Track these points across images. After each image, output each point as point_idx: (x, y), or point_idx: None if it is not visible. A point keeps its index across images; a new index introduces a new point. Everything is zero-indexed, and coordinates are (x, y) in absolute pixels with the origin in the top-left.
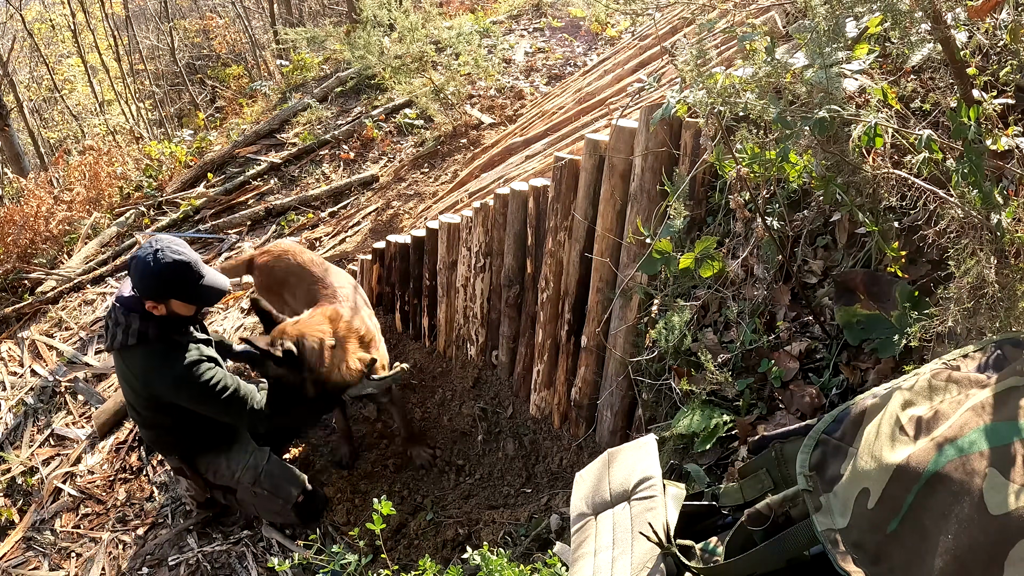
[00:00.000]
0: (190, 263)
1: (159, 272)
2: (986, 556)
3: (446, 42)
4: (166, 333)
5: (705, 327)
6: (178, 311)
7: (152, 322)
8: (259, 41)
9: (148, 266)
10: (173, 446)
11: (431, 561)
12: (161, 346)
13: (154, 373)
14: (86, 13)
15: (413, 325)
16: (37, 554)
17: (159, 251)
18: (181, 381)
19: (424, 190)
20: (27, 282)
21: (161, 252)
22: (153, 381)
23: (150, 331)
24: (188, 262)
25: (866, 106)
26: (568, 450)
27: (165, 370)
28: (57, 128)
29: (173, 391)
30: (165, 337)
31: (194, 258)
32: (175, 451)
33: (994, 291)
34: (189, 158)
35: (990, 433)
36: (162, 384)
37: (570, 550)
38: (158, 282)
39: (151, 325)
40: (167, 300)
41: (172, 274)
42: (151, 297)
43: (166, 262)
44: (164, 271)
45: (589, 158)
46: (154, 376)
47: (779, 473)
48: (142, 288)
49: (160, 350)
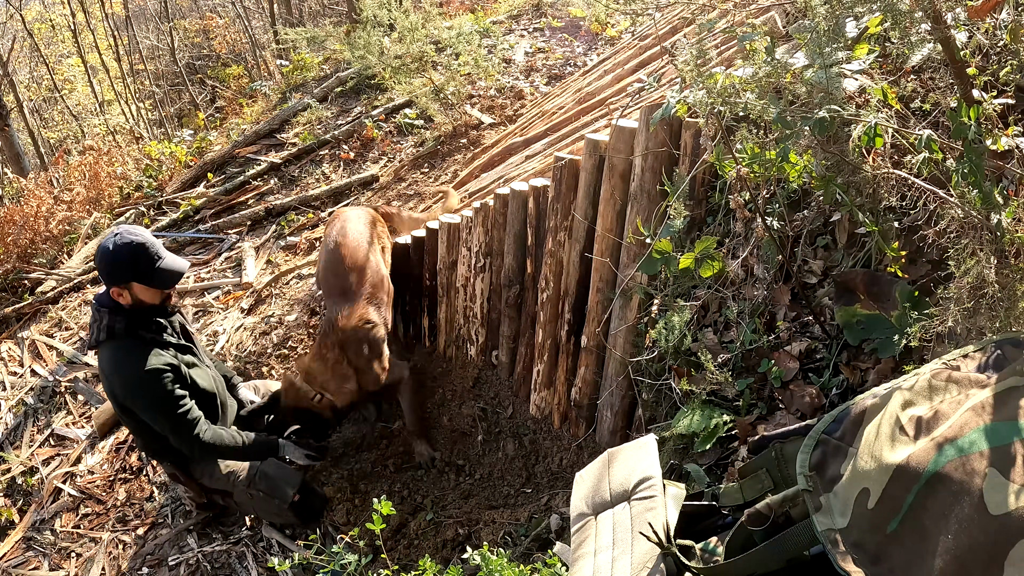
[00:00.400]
0: (145, 243)
1: (116, 253)
2: (986, 556)
3: (446, 42)
4: (133, 328)
5: (705, 327)
6: (142, 297)
7: (120, 316)
8: (259, 41)
9: (107, 250)
10: (163, 452)
11: (431, 561)
12: (127, 341)
13: (115, 371)
14: (86, 13)
15: (413, 325)
16: (37, 554)
17: (118, 235)
18: (137, 385)
19: (424, 190)
20: (27, 282)
21: (119, 235)
22: (114, 380)
23: (116, 326)
24: (143, 243)
25: (866, 106)
26: (568, 450)
27: (125, 369)
28: (57, 128)
29: (129, 394)
30: (132, 332)
31: (150, 240)
32: (167, 457)
33: (994, 291)
34: (189, 158)
35: (990, 433)
36: (120, 384)
37: (570, 550)
38: (115, 264)
39: (118, 319)
40: (128, 284)
41: (128, 255)
42: (113, 282)
43: (122, 243)
44: (120, 252)
45: (589, 158)
46: (115, 374)
47: (779, 473)
48: (104, 274)
49: (125, 346)
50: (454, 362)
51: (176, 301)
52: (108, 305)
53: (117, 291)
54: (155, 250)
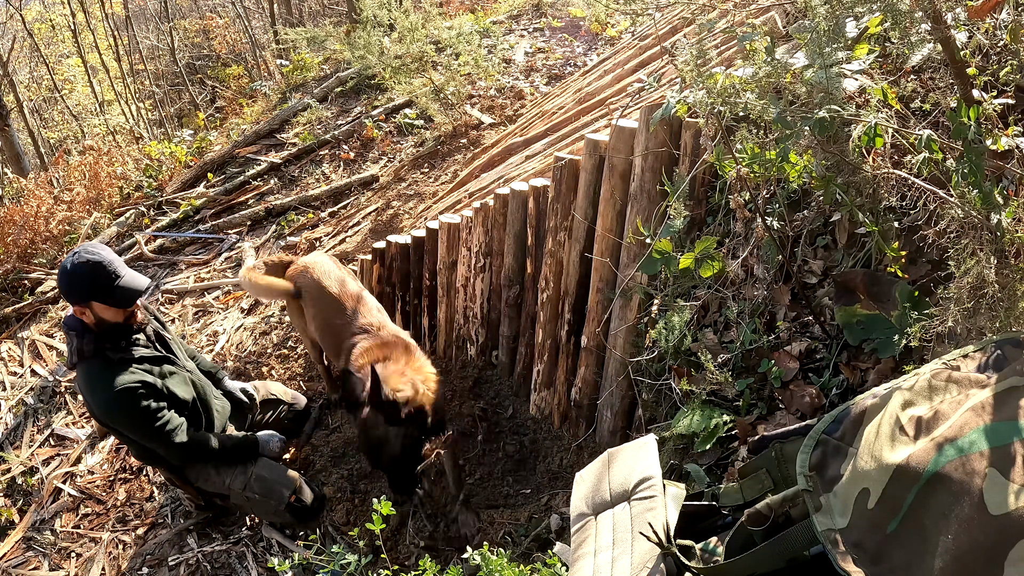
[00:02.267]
0: (102, 262)
1: (73, 272)
2: (986, 556)
3: (446, 42)
4: (100, 348)
5: (705, 327)
6: (103, 315)
7: (86, 338)
8: (259, 41)
9: (65, 270)
10: (154, 459)
11: (431, 561)
12: (96, 362)
13: (89, 392)
14: (86, 13)
15: (413, 325)
16: (37, 554)
17: (76, 254)
18: (110, 405)
19: (424, 190)
20: (27, 282)
21: (76, 255)
22: (89, 401)
23: (85, 347)
24: (100, 261)
25: (866, 106)
26: (568, 450)
27: (97, 391)
28: (57, 128)
29: (105, 414)
30: (100, 352)
31: (109, 258)
32: (158, 464)
33: (994, 291)
34: (189, 158)
35: (990, 433)
36: (95, 405)
37: (570, 550)
38: (73, 283)
39: (85, 341)
40: (88, 303)
41: (86, 273)
42: (74, 301)
43: (79, 262)
44: (77, 270)
45: (589, 158)
46: (89, 395)
47: (779, 473)
48: (65, 293)
49: (95, 368)
50: (454, 362)
51: (143, 318)
52: (76, 327)
53: (79, 310)
54: (113, 268)
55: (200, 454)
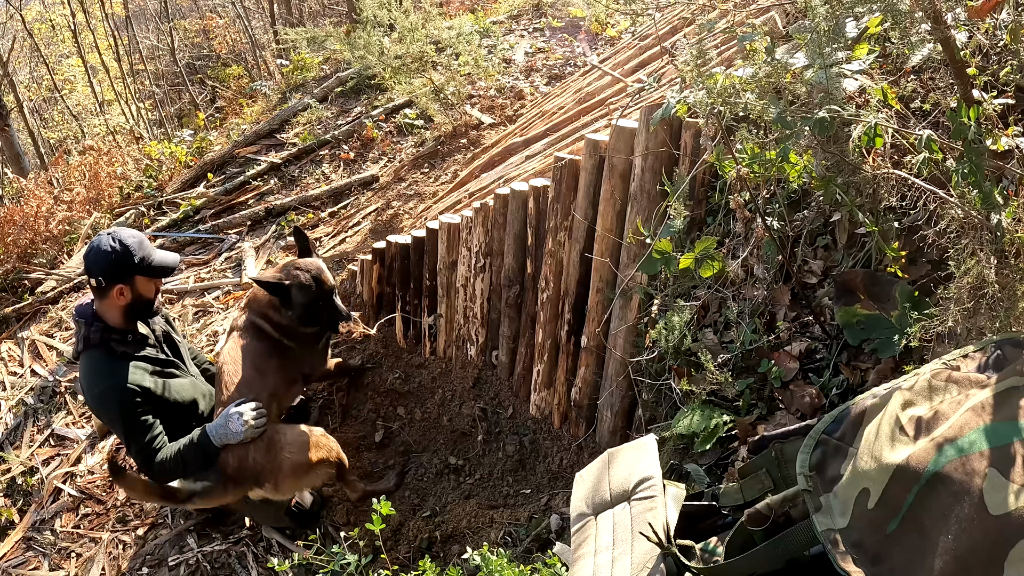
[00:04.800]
0: (142, 239)
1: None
2: (986, 556)
3: (446, 42)
4: (106, 339)
5: (705, 327)
6: (142, 291)
7: (95, 326)
8: (259, 41)
9: (109, 248)
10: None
11: (431, 561)
12: (98, 352)
13: (85, 380)
14: (86, 13)
15: (413, 326)
16: (37, 554)
17: (110, 234)
18: (103, 396)
19: (424, 190)
20: (27, 282)
21: (111, 235)
22: (85, 391)
23: (91, 335)
24: (141, 238)
25: (866, 106)
26: (568, 450)
27: (94, 380)
28: (57, 128)
29: (97, 404)
30: (104, 343)
31: (141, 235)
32: None
33: (994, 291)
34: (189, 158)
35: (990, 433)
36: (89, 395)
37: (570, 550)
38: (121, 259)
39: (92, 330)
40: (132, 278)
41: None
42: (116, 280)
43: (123, 239)
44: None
45: (589, 158)
46: (85, 383)
47: (779, 473)
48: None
49: (96, 357)
50: (454, 362)
51: (161, 302)
52: (86, 315)
53: (120, 289)
54: (148, 243)
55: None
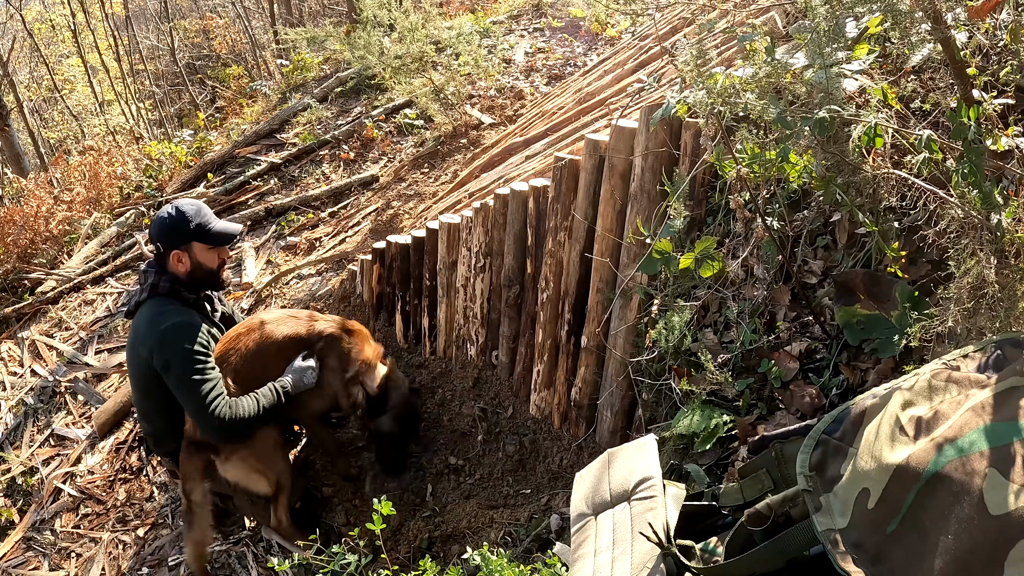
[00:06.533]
0: (201, 207)
1: (175, 216)
2: (986, 556)
3: (446, 42)
4: (176, 290)
5: (705, 327)
6: (201, 259)
7: (166, 276)
8: (259, 41)
9: (167, 214)
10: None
11: (431, 561)
12: (166, 299)
13: (151, 325)
14: (86, 13)
15: (413, 326)
16: (37, 554)
17: (173, 204)
18: (168, 334)
19: (424, 190)
20: (27, 282)
21: (174, 204)
22: (147, 335)
23: (161, 284)
24: (199, 206)
25: (866, 106)
26: (568, 450)
27: (158, 321)
28: (57, 128)
29: (160, 348)
30: (175, 292)
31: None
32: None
33: (994, 291)
34: (189, 158)
35: (990, 433)
36: (155, 337)
37: (570, 550)
38: (176, 223)
39: (163, 278)
40: (189, 244)
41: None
42: (174, 245)
43: (181, 206)
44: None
45: (589, 158)
46: (150, 328)
47: (779, 473)
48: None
49: (163, 300)
50: (454, 362)
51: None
52: (155, 266)
53: (177, 255)
54: (210, 212)
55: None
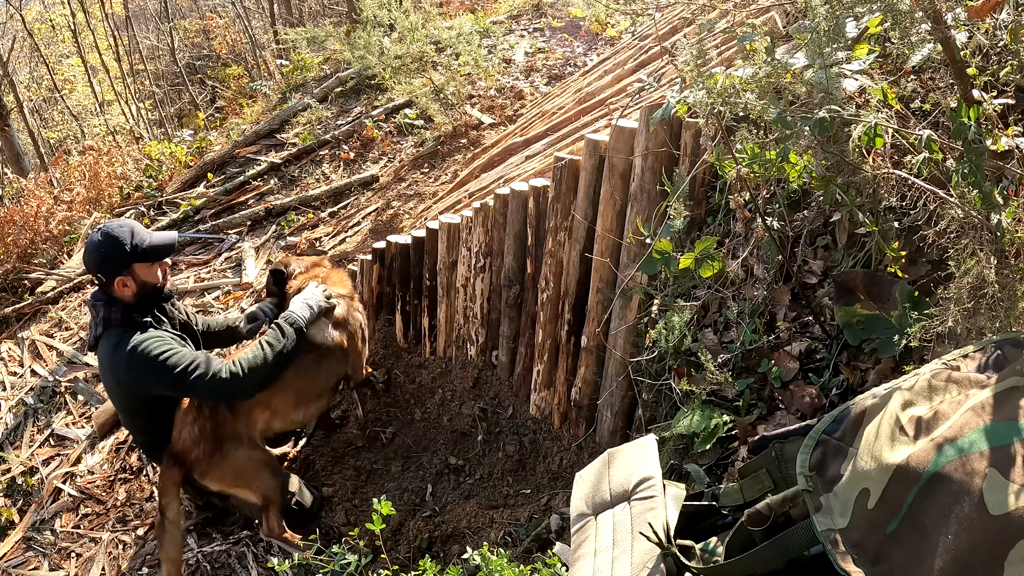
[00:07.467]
0: (133, 227)
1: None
2: (986, 556)
3: (446, 42)
4: (128, 316)
5: (705, 327)
6: (145, 278)
7: (115, 306)
8: (259, 41)
9: (99, 242)
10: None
11: (431, 561)
12: (121, 327)
13: (113, 354)
14: (86, 13)
15: (413, 326)
16: (37, 554)
17: (99, 229)
18: (135, 355)
19: (424, 190)
20: (27, 282)
21: (101, 229)
22: (114, 363)
23: (112, 315)
24: (132, 226)
25: (866, 106)
26: (568, 450)
27: (121, 349)
28: (57, 128)
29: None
30: (127, 319)
31: (132, 223)
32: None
33: (994, 291)
34: (189, 158)
35: (990, 433)
36: (118, 368)
37: (570, 550)
38: (113, 251)
39: (112, 309)
40: (130, 267)
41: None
42: (115, 270)
43: (111, 231)
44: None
45: (589, 158)
46: (114, 360)
47: (779, 473)
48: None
49: (119, 330)
50: (454, 362)
51: (172, 285)
52: (103, 298)
53: (121, 281)
54: (140, 229)
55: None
